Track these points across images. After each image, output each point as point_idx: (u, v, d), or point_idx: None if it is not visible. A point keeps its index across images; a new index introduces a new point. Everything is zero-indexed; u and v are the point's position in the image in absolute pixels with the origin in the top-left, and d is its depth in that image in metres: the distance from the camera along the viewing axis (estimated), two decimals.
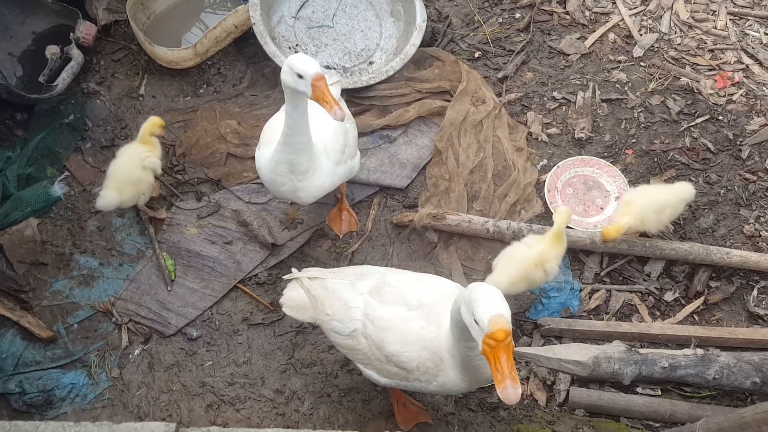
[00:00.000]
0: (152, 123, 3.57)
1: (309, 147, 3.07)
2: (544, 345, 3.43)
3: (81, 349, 3.39)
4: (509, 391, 2.08)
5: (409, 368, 2.65)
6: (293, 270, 2.98)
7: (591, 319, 3.52)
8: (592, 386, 3.30)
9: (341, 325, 2.76)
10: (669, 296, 3.60)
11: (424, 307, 2.67)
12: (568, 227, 3.62)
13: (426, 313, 2.66)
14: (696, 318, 3.57)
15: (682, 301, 3.60)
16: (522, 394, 3.29)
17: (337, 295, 2.79)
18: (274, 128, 3.25)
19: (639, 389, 3.30)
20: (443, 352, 2.58)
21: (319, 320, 2.86)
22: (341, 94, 3.67)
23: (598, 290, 3.61)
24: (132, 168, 3.51)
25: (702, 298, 3.58)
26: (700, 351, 3.22)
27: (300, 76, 2.76)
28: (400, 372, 2.69)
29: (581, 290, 3.59)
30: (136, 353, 3.41)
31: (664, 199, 3.44)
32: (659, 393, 3.29)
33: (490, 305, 2.16)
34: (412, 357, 2.62)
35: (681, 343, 3.41)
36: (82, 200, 3.81)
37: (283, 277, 3.03)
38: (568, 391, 3.28)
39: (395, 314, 2.67)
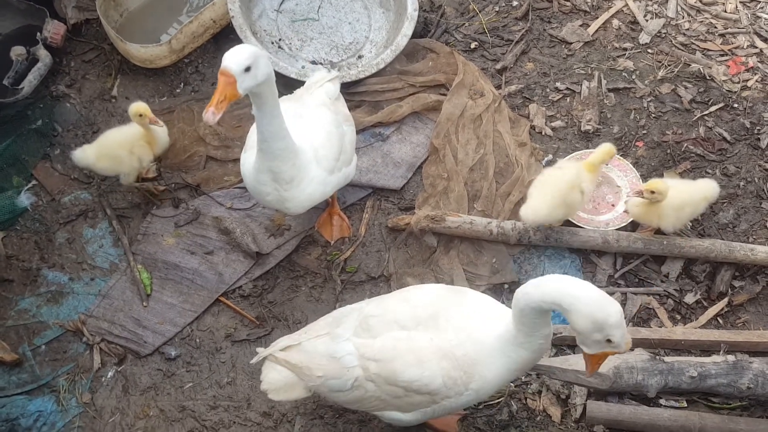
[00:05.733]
0: (132, 114, 3.29)
1: (289, 154, 2.79)
2: (556, 355, 3.16)
3: (49, 373, 3.15)
4: None
5: (435, 389, 2.38)
6: (258, 350, 2.67)
7: None
8: (611, 399, 3.03)
9: (339, 382, 2.47)
10: (690, 298, 3.33)
11: (425, 321, 2.43)
12: (579, 223, 3.41)
13: (432, 324, 2.42)
14: (720, 321, 3.30)
15: (705, 303, 3.33)
16: (534, 410, 3.04)
17: (320, 352, 2.51)
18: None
19: (662, 401, 3.03)
20: (482, 355, 2.36)
21: (314, 388, 2.57)
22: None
23: (612, 294, 3.34)
24: (118, 145, 3.33)
25: (726, 300, 3.33)
26: (731, 358, 2.95)
27: None
28: (425, 399, 2.42)
29: None
30: (109, 376, 3.16)
31: (684, 196, 3.23)
32: (685, 404, 3.03)
33: (624, 327, 2.12)
34: (434, 375, 2.36)
35: (705, 348, 3.16)
36: (51, 211, 3.55)
37: (251, 361, 2.73)
38: (584, 405, 3.01)
39: (396, 339, 2.42)
